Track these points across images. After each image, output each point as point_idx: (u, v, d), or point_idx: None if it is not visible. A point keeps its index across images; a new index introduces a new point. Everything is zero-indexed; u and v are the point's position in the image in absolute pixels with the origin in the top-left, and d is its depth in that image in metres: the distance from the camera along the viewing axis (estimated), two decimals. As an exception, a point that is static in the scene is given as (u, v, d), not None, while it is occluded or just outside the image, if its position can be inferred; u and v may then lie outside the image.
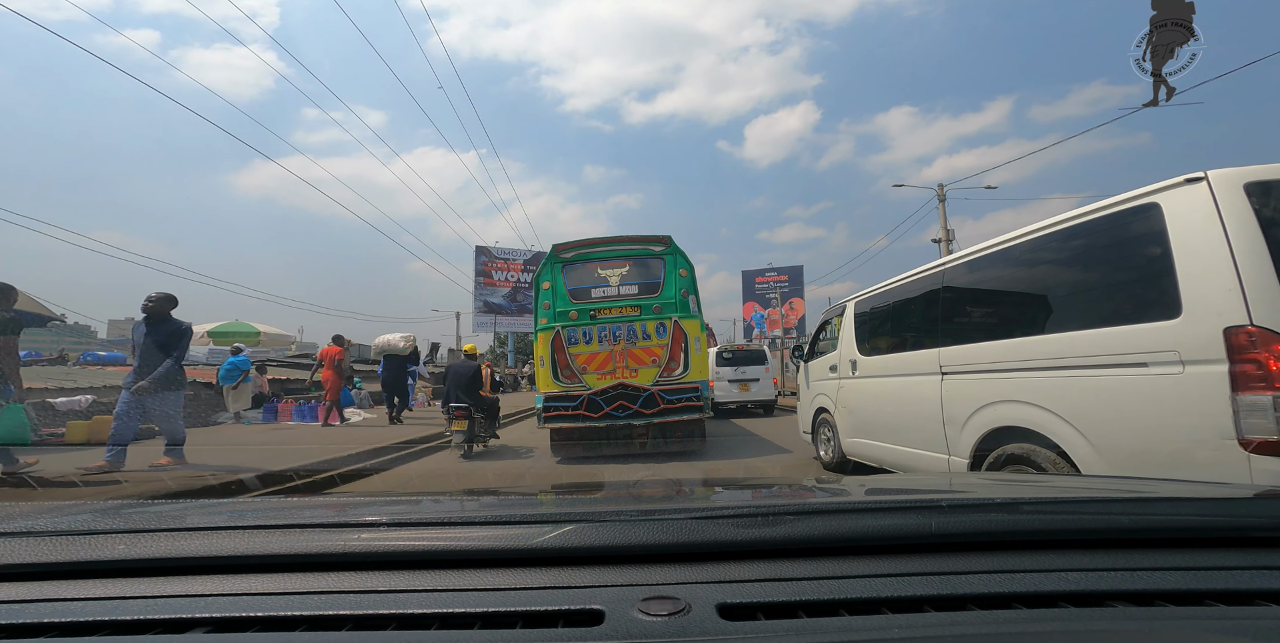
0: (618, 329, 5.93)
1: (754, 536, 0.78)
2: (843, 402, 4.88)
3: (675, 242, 6.27)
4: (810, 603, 0.65)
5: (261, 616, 0.64)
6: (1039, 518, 0.86)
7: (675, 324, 5.92)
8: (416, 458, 6.42)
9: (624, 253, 6.27)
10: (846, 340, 4.91)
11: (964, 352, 3.39)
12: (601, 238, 6.38)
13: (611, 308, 6.03)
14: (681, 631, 0.59)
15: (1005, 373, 3.03)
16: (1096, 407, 2.48)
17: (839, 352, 5.04)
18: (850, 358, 4.78)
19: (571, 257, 6.26)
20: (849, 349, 4.83)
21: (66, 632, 0.63)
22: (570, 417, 5.78)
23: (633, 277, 6.19)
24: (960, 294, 3.62)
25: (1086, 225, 2.63)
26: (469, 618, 0.64)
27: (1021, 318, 3.08)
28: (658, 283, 6.12)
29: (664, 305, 6.00)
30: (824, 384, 5.34)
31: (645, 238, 6.32)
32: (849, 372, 4.79)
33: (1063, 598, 0.67)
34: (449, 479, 5.36)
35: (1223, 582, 0.70)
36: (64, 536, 0.82)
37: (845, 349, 4.91)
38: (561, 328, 5.96)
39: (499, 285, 34.11)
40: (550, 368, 5.93)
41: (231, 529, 0.87)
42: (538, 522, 0.85)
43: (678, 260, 6.17)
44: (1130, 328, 2.35)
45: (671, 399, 5.77)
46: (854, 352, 4.74)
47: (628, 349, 5.90)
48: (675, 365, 5.90)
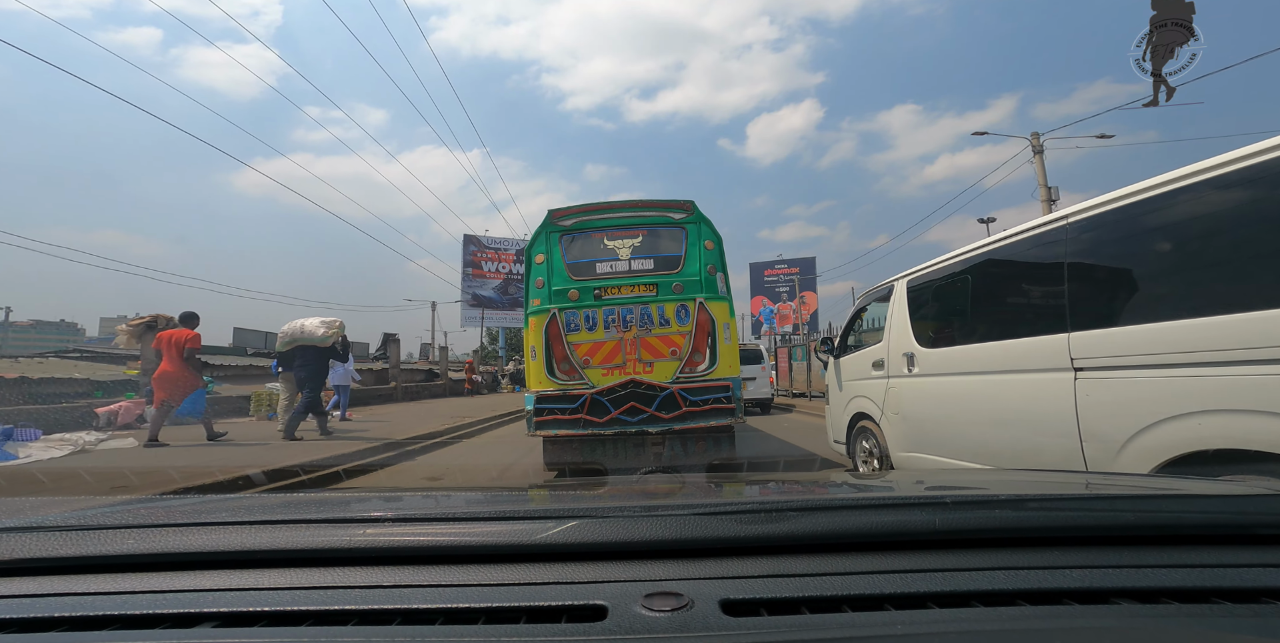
0: (628, 313, 4.78)
1: (758, 532, 0.78)
2: (893, 406, 3.87)
3: (699, 208, 5.11)
4: (814, 599, 0.65)
5: (269, 610, 0.65)
6: (1044, 515, 0.86)
7: (700, 307, 4.77)
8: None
9: (637, 220, 5.10)
10: (898, 329, 3.89)
11: (1124, 337, 2.35)
12: (609, 202, 5.21)
13: (621, 286, 4.86)
14: (685, 626, 0.59)
15: (1214, 368, 2.01)
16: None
17: (886, 344, 4.04)
18: (905, 351, 3.77)
19: (572, 224, 5.09)
20: (903, 340, 3.83)
21: (76, 626, 0.64)
22: (569, 422, 4.63)
23: (647, 249, 5.03)
24: (1110, 254, 2.54)
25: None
26: (473, 613, 0.64)
27: (1244, 283, 2.02)
28: (678, 257, 4.97)
29: (686, 284, 4.84)
30: (864, 385, 4.34)
31: (663, 202, 5.17)
32: (902, 369, 3.79)
33: (1067, 595, 0.67)
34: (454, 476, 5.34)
35: (1228, 580, 0.69)
36: (73, 530, 0.82)
37: (897, 340, 3.91)
38: (559, 311, 4.79)
39: (489, 277, 32.53)
40: (544, 361, 4.77)
41: (239, 524, 0.88)
42: (541, 517, 0.85)
43: (702, 230, 5.02)
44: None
45: (696, 401, 4.62)
46: (910, 343, 3.74)
47: (641, 338, 4.75)
48: (700, 358, 4.75)
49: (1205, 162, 2.11)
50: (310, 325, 7.60)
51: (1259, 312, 1.89)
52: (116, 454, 6.18)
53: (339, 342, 7.90)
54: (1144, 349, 2.26)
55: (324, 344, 7.61)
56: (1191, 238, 2.26)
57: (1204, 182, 2.11)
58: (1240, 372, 1.93)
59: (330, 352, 7.81)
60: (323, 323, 7.67)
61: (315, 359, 7.59)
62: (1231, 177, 2.02)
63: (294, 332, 7.59)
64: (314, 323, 7.64)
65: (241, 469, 4.86)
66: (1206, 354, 2.03)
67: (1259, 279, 1.97)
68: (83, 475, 4.55)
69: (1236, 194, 2.05)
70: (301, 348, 7.58)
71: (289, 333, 7.60)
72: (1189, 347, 2.09)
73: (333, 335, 7.63)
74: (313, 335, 7.55)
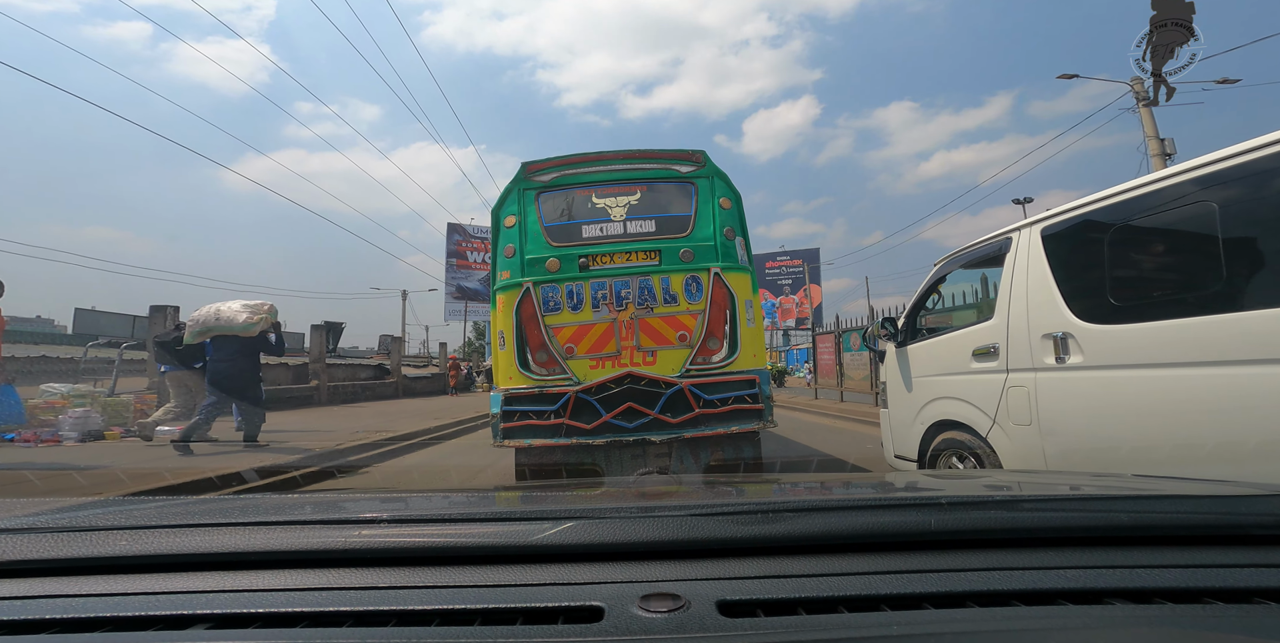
0: (623, 287, 3.72)
1: (754, 533, 0.78)
2: (1020, 413, 2.67)
3: (712, 160, 4.07)
4: (810, 600, 0.66)
5: (263, 612, 0.65)
6: (1038, 515, 0.87)
7: (715, 278, 3.72)
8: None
9: (634, 174, 4.01)
10: (1034, 299, 2.67)
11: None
12: (598, 152, 4.13)
13: (614, 254, 3.78)
14: (681, 627, 0.59)
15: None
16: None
17: (1001, 322, 2.83)
18: (1047, 330, 2.56)
19: (551, 179, 4.01)
20: (1042, 314, 2.60)
21: (68, 628, 0.63)
22: (546, 429, 3.58)
23: (648, 207, 3.94)
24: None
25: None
26: (469, 615, 0.64)
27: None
28: (687, 217, 3.91)
29: (697, 250, 3.79)
30: (953, 381, 3.14)
31: (667, 153, 4.11)
32: (1043, 357, 2.58)
33: (1062, 596, 0.67)
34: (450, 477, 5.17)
35: (1221, 580, 0.69)
36: (66, 532, 0.82)
37: (1029, 316, 2.68)
38: (533, 285, 3.72)
39: (475, 268, 31.13)
40: (515, 350, 3.71)
41: (233, 525, 0.88)
42: (538, 518, 0.84)
43: (715, 185, 3.97)
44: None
45: (712, 399, 3.58)
46: (1059, 317, 2.51)
47: (640, 319, 3.70)
48: (717, 344, 3.71)
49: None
50: (229, 311, 5.98)
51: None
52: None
53: (269, 330, 6.27)
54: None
55: (247, 334, 6.00)
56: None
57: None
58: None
59: (258, 343, 6.22)
60: (246, 307, 6.05)
61: (238, 354, 6.01)
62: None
63: (207, 319, 5.97)
64: (234, 307, 6.03)
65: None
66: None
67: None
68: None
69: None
70: (220, 340, 5.99)
71: (202, 320, 5.99)
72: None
73: (259, 323, 6.02)
74: (232, 323, 5.91)
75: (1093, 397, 2.39)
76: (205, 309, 6.09)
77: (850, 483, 1.57)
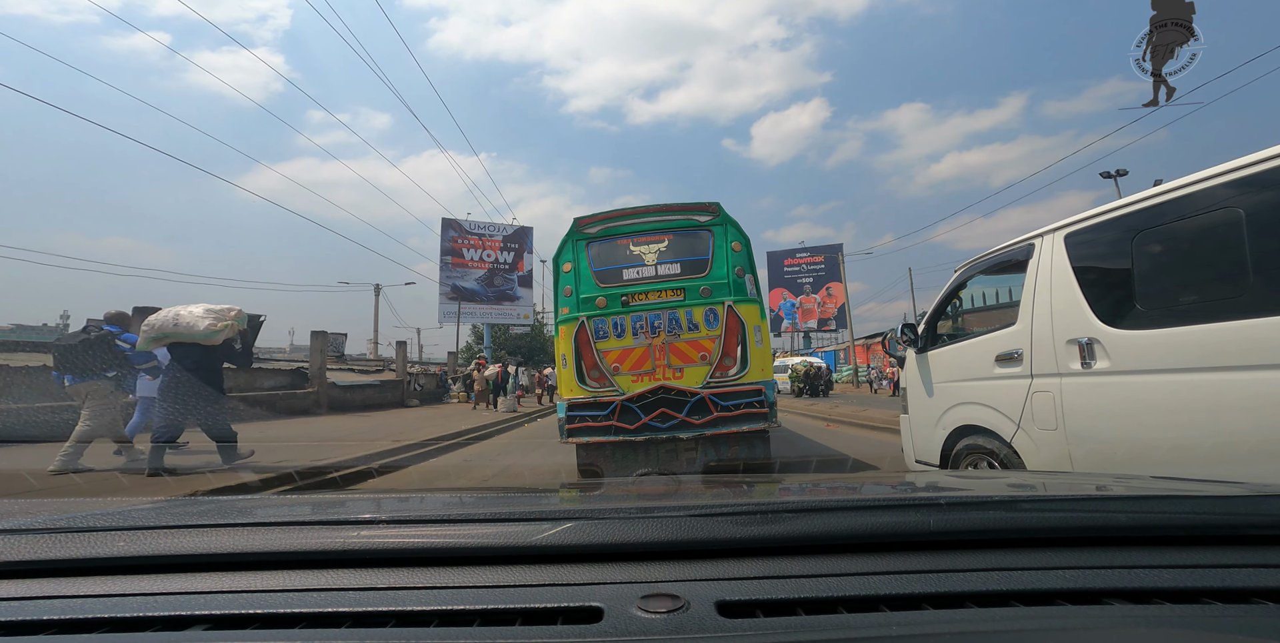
0: (656, 318, 4.77)
1: (753, 533, 0.77)
2: (1046, 419, 2.69)
3: (725, 210, 5.10)
4: (809, 601, 0.65)
5: (261, 613, 0.64)
6: (1037, 516, 0.86)
7: (729, 310, 4.78)
8: None
9: (662, 225, 5.09)
10: (1058, 304, 2.69)
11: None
12: (633, 208, 5.18)
13: (648, 292, 4.86)
14: (680, 628, 0.59)
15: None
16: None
17: (1026, 327, 2.84)
18: (1072, 335, 2.60)
19: (597, 231, 5.07)
20: (1068, 319, 2.63)
21: (66, 629, 0.63)
22: (600, 429, 4.64)
23: (674, 253, 5.02)
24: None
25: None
26: (468, 615, 0.64)
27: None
28: (705, 260, 4.96)
29: (714, 287, 4.85)
30: (977, 387, 3.15)
31: (687, 206, 5.15)
32: (1069, 362, 2.61)
33: (1060, 596, 0.67)
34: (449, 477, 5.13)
35: (1219, 580, 0.69)
36: (64, 532, 0.81)
37: (1054, 321, 2.71)
38: (587, 318, 4.77)
39: (471, 267, 29.38)
40: (575, 368, 4.76)
41: (231, 526, 0.87)
42: (537, 519, 0.84)
43: (729, 232, 5.02)
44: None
45: (727, 405, 4.65)
46: (1085, 322, 2.55)
47: (670, 343, 4.75)
48: (731, 362, 4.77)
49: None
50: (190, 316, 5.21)
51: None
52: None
53: (235, 338, 5.52)
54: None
55: (210, 342, 5.25)
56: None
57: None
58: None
59: (222, 353, 5.45)
60: (210, 312, 5.27)
61: (198, 366, 5.26)
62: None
63: (164, 324, 5.18)
64: (196, 312, 5.25)
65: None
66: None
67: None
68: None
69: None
70: (179, 348, 5.26)
71: (158, 325, 5.20)
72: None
73: (224, 330, 5.26)
74: (193, 330, 5.15)
75: (1120, 401, 2.38)
76: (163, 313, 5.35)
77: (850, 483, 1.55)
